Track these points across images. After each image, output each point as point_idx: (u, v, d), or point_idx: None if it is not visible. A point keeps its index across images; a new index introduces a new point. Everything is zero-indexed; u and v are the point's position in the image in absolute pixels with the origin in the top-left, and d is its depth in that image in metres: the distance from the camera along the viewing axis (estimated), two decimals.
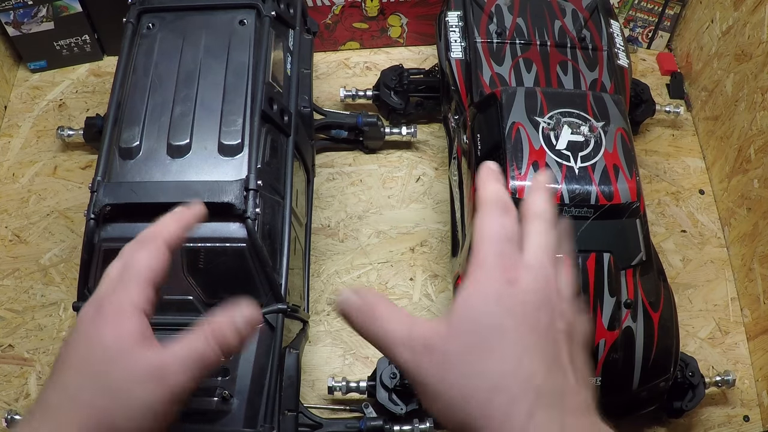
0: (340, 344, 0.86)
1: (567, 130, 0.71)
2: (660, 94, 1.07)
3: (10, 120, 1.05)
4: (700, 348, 0.87)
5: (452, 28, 0.89)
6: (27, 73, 1.10)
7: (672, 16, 1.09)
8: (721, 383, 0.80)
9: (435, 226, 0.94)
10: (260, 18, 0.78)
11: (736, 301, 0.90)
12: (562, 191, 0.68)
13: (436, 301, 0.89)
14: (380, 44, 1.11)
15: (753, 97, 0.88)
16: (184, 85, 0.74)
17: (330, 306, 0.88)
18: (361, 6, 1.04)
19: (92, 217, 0.66)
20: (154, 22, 0.79)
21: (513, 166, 0.69)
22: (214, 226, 0.66)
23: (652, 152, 1.02)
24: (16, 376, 0.84)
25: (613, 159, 0.70)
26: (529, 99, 0.74)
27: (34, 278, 0.91)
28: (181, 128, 0.71)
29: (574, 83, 0.83)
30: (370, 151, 1.00)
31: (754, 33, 0.88)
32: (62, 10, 1.02)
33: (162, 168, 0.69)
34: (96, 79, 1.09)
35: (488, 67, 0.84)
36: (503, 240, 0.42)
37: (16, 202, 0.97)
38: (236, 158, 0.70)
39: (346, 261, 0.92)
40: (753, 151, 0.89)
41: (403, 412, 0.75)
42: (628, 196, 0.68)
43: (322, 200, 0.97)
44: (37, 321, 0.87)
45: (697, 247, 0.94)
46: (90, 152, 1.01)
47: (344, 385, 0.78)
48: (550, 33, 0.87)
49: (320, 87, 1.07)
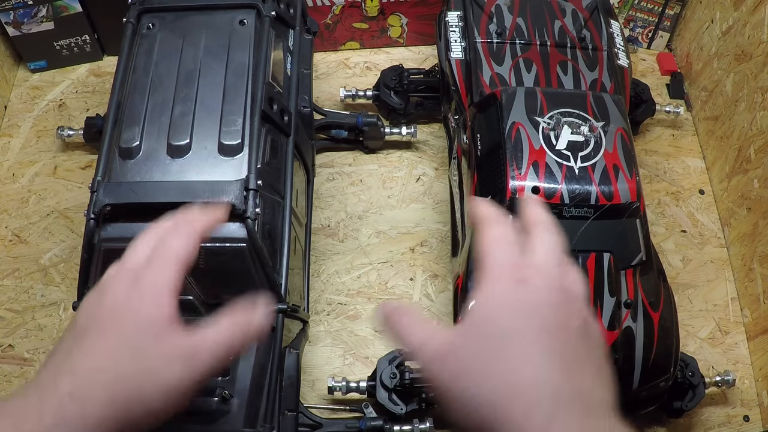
0: (340, 344, 0.86)
1: (567, 130, 0.71)
2: (660, 94, 1.07)
3: (10, 120, 1.05)
4: (700, 348, 0.87)
5: (452, 28, 0.89)
6: (27, 73, 1.10)
7: (672, 16, 1.09)
8: (721, 383, 0.80)
9: (435, 226, 0.94)
10: (260, 18, 0.78)
11: (736, 301, 0.90)
12: (562, 191, 0.68)
13: (436, 301, 0.89)
14: (380, 44, 1.11)
15: (753, 97, 0.89)
16: (184, 85, 0.74)
17: (330, 306, 0.88)
18: (361, 6, 1.04)
19: (92, 217, 0.66)
20: (154, 22, 0.79)
21: (513, 166, 0.69)
22: None
23: (652, 152, 1.02)
24: (16, 376, 0.84)
25: (613, 159, 0.70)
26: (529, 99, 0.74)
27: (34, 278, 0.91)
28: (181, 128, 0.71)
29: (574, 83, 0.83)
30: (370, 151, 1.00)
31: (754, 33, 0.88)
32: (62, 10, 1.02)
33: (162, 168, 0.69)
34: (96, 79, 1.09)
35: (488, 67, 0.84)
36: (508, 244, 0.43)
37: (16, 202, 0.97)
38: (236, 158, 0.70)
39: (346, 261, 0.92)
40: (753, 151, 0.89)
41: (403, 412, 0.75)
42: (628, 196, 0.68)
43: (322, 200, 0.97)
44: (37, 321, 0.87)
45: (697, 247, 0.94)
46: (90, 152, 1.01)
47: (344, 385, 0.78)
48: (550, 33, 0.87)
49: (320, 87, 1.07)
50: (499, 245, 0.43)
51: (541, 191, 0.68)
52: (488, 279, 0.42)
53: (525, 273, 0.42)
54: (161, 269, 0.46)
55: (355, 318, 0.88)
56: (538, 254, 0.43)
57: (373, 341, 0.86)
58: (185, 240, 0.48)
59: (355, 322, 0.87)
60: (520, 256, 0.43)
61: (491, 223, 0.45)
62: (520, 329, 0.40)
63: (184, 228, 0.48)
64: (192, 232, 0.48)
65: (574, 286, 0.43)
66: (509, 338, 0.40)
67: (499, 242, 0.43)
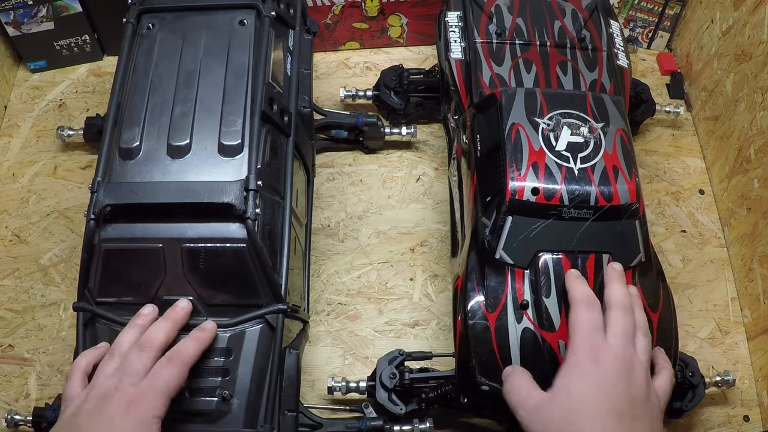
0: (340, 344, 0.86)
1: (567, 131, 0.71)
2: (660, 94, 1.07)
3: (10, 120, 1.05)
4: (700, 348, 0.87)
5: (452, 29, 0.89)
6: (27, 73, 1.10)
7: (672, 16, 1.09)
8: (721, 383, 0.80)
9: (435, 226, 0.95)
10: (260, 18, 0.78)
11: (736, 301, 0.90)
12: (562, 192, 0.68)
13: (436, 301, 0.89)
14: (380, 44, 1.11)
15: (753, 97, 0.89)
16: (184, 85, 0.74)
17: (330, 306, 0.89)
18: (361, 6, 1.04)
19: (92, 217, 0.66)
20: (154, 23, 0.79)
21: (513, 168, 0.69)
22: (214, 226, 0.66)
23: (652, 152, 1.02)
24: (16, 376, 0.84)
25: (613, 160, 0.70)
26: (529, 100, 0.74)
27: (34, 278, 0.91)
28: (181, 128, 0.71)
29: (574, 84, 0.83)
30: (370, 151, 1.00)
31: (754, 33, 0.88)
32: (62, 10, 1.02)
33: (162, 168, 0.69)
34: (96, 79, 1.09)
35: (488, 68, 0.83)
36: (592, 331, 0.60)
37: (16, 202, 0.97)
38: (236, 159, 0.70)
39: (346, 261, 0.92)
40: (753, 151, 0.89)
41: (402, 413, 0.75)
42: (627, 197, 0.68)
43: (322, 200, 0.97)
44: (37, 321, 0.88)
45: (697, 247, 0.94)
46: (90, 152, 1.01)
47: (344, 385, 0.78)
48: (550, 33, 0.87)
49: (320, 87, 1.07)
50: (584, 332, 0.60)
51: (541, 192, 0.68)
52: (572, 357, 0.59)
53: (599, 352, 0.58)
54: (153, 399, 0.59)
55: (355, 318, 0.88)
56: (611, 338, 0.59)
57: (372, 341, 0.86)
58: (176, 373, 0.61)
59: (355, 322, 0.88)
60: (598, 341, 0.59)
61: (582, 309, 0.61)
62: (591, 396, 0.57)
63: (176, 362, 0.62)
64: (183, 366, 0.62)
65: (636, 361, 0.60)
66: (582, 403, 0.57)
67: (584, 329, 0.60)
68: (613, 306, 0.62)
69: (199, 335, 0.65)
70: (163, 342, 0.64)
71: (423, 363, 0.80)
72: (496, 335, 0.68)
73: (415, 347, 0.80)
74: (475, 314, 0.69)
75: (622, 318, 0.61)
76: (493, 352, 0.68)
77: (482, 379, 0.68)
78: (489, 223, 0.71)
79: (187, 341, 0.64)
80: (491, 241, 0.70)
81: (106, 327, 0.69)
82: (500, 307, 0.69)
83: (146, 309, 0.68)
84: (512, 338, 0.68)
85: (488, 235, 0.70)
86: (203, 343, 0.65)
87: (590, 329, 0.60)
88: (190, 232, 0.66)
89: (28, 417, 0.75)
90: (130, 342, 0.64)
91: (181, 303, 0.67)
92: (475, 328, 0.68)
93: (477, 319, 0.69)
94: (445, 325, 0.87)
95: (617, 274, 0.65)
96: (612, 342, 0.59)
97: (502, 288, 0.69)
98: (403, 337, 0.87)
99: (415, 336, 0.87)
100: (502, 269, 0.70)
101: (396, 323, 0.87)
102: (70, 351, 0.81)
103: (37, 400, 0.82)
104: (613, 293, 0.63)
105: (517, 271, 0.69)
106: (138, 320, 0.67)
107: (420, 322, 0.88)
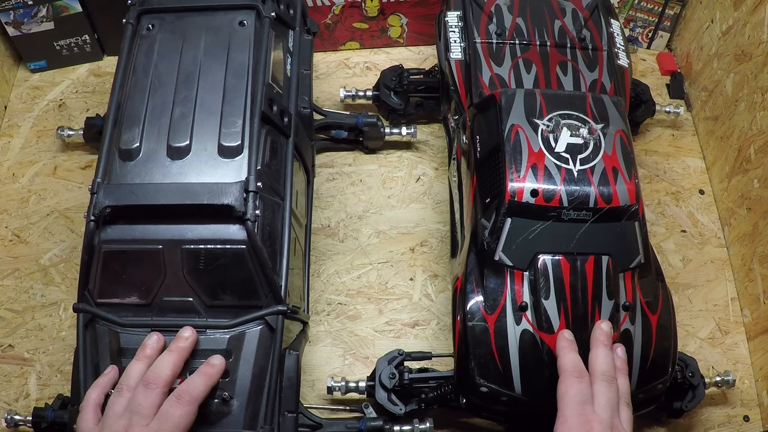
0: (340, 344, 0.86)
1: (566, 132, 0.71)
2: (660, 94, 1.07)
3: (10, 120, 1.05)
4: (700, 348, 0.87)
5: (452, 29, 0.89)
6: (27, 73, 1.10)
7: (672, 16, 1.09)
8: (721, 383, 0.80)
9: (435, 226, 0.95)
10: (260, 19, 0.78)
11: (736, 301, 0.90)
12: (561, 194, 0.68)
13: (436, 301, 0.89)
14: (380, 44, 1.11)
15: (753, 97, 0.88)
16: (183, 86, 0.74)
17: (330, 306, 0.89)
18: (361, 6, 1.04)
19: (92, 218, 0.66)
20: (153, 23, 0.79)
21: (512, 169, 0.69)
22: (214, 227, 0.66)
23: (652, 152, 1.02)
24: (16, 376, 0.84)
25: (612, 161, 0.70)
26: (529, 101, 0.74)
27: (34, 278, 0.91)
28: (181, 130, 0.71)
29: (574, 84, 0.83)
30: (370, 151, 1.00)
31: (754, 33, 0.88)
32: (62, 10, 1.02)
33: (162, 170, 0.69)
34: (96, 79, 1.09)
35: (488, 68, 0.83)
36: (581, 403, 0.62)
37: (16, 202, 0.97)
38: (236, 160, 0.70)
39: (346, 261, 0.92)
40: (753, 151, 0.89)
41: (402, 413, 0.75)
42: (627, 198, 0.68)
43: (322, 200, 0.97)
44: (37, 321, 0.88)
45: (697, 247, 0.94)
46: (90, 152, 1.01)
47: (343, 385, 0.78)
48: (550, 33, 0.86)
49: (320, 87, 1.07)
50: (573, 403, 0.62)
51: (540, 194, 0.68)
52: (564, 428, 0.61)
53: (589, 425, 0.60)
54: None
55: (355, 318, 0.88)
56: (599, 408, 0.62)
57: (372, 341, 0.86)
58: (187, 413, 0.62)
59: (355, 322, 0.88)
60: (587, 412, 0.61)
61: (571, 380, 0.63)
62: None
63: (185, 401, 0.62)
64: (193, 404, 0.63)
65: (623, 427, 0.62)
66: None
67: (573, 400, 0.62)
68: (597, 377, 0.64)
69: (207, 371, 0.65)
70: (170, 377, 0.64)
71: (423, 363, 0.80)
72: (495, 337, 0.68)
73: (414, 347, 0.80)
74: (474, 315, 0.69)
75: (606, 390, 0.63)
76: (491, 353, 0.68)
77: (481, 380, 0.68)
78: (488, 224, 0.71)
79: (196, 378, 0.64)
80: (491, 243, 0.70)
81: (106, 328, 0.70)
82: (499, 309, 0.69)
83: (151, 339, 0.67)
84: (511, 340, 0.68)
85: (488, 237, 0.70)
86: (212, 379, 0.65)
87: (580, 401, 0.62)
88: (190, 234, 0.66)
89: (28, 417, 0.75)
90: (137, 376, 0.64)
91: (185, 333, 0.67)
92: (474, 329, 0.69)
93: (476, 320, 0.69)
94: (445, 326, 0.87)
95: (604, 336, 0.66)
96: (600, 413, 0.61)
97: (502, 289, 0.69)
98: (403, 337, 0.87)
99: (414, 336, 0.87)
100: (501, 271, 0.70)
101: (396, 323, 0.88)
102: (70, 351, 0.81)
103: (37, 400, 0.82)
104: (599, 362, 0.64)
105: (516, 273, 0.69)
106: (145, 351, 0.66)
107: (420, 322, 0.88)
